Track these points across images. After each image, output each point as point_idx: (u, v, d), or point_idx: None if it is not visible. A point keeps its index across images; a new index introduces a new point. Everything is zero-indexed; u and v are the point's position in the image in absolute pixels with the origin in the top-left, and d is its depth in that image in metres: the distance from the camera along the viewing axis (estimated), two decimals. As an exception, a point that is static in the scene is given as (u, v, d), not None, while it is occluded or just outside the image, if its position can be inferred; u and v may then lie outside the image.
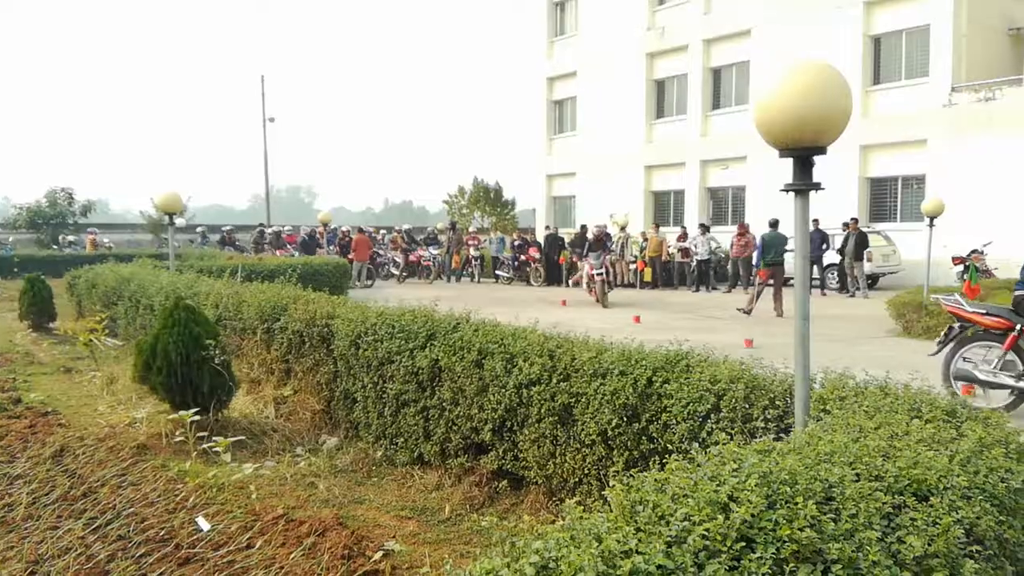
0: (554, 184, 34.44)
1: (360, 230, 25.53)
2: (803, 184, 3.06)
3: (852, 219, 19.41)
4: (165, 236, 20.36)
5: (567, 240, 24.53)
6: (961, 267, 16.34)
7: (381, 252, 27.44)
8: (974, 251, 17.04)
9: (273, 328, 7.57)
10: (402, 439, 5.89)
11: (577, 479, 4.55)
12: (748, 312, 14.77)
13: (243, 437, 6.34)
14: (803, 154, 3.01)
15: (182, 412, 6.01)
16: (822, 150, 2.99)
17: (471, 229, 30.68)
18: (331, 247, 25.65)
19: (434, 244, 27.85)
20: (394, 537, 4.28)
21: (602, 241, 17.92)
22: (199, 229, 32.23)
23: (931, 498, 2.18)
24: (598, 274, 16.75)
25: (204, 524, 4.39)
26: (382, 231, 31.08)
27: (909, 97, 21.66)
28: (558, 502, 4.60)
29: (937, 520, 2.03)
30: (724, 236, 22.77)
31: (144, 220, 34.09)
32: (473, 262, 25.58)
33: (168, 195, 11.04)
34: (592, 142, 31.28)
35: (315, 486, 5.39)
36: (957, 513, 2.11)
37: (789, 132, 2.91)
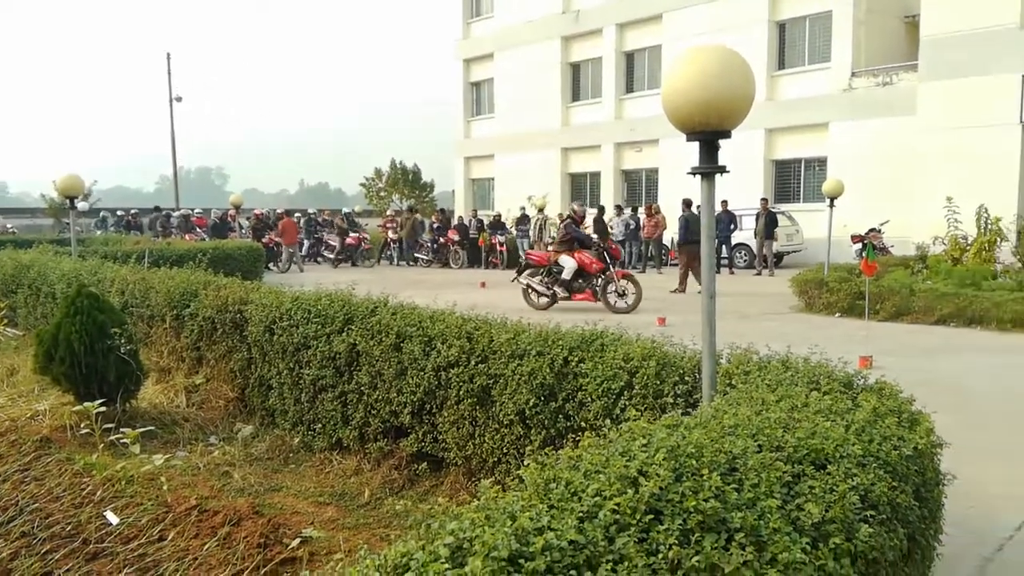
0: (472, 166, 34.36)
1: (287, 213, 25.01)
2: (709, 167, 3.16)
3: (762, 199, 20.09)
4: (67, 220, 19.42)
5: (486, 222, 24.56)
6: (860, 245, 17.13)
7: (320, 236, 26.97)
8: (872, 230, 17.91)
9: (183, 315, 7.34)
10: (320, 425, 5.83)
11: (496, 459, 4.61)
12: (682, 291, 15.13)
13: (153, 428, 6.14)
14: (709, 138, 3.11)
15: (87, 403, 5.77)
16: (727, 134, 3.09)
17: (388, 212, 30.25)
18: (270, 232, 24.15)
19: (352, 227, 27.45)
20: (312, 524, 4.24)
21: (603, 225, 15.96)
22: (101, 213, 30.81)
23: (828, 466, 2.30)
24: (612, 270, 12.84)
25: (113, 518, 4.25)
26: (296, 214, 30.41)
27: (812, 82, 22.47)
28: (477, 482, 4.64)
29: (834, 487, 2.14)
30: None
31: (45, 204, 32.37)
32: (392, 245, 25.34)
33: (69, 178, 10.56)
34: (510, 124, 31.31)
35: (230, 475, 5.28)
36: (853, 480, 2.23)
37: (695, 116, 3.00)
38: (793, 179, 23.63)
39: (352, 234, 25.03)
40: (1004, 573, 3.62)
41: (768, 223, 19.20)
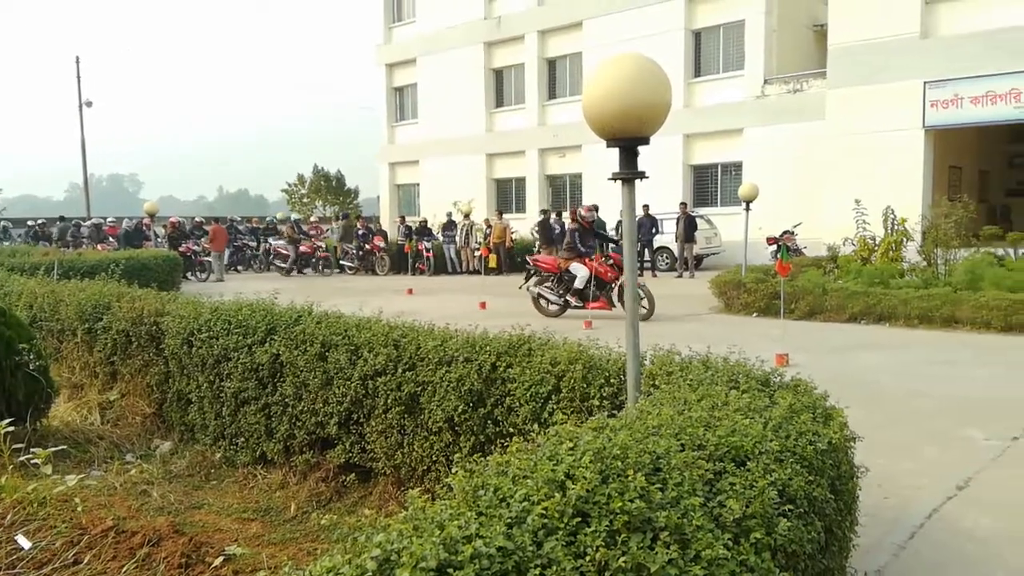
0: (398, 172, 34.11)
1: (216, 220, 24.49)
2: (629, 173, 3.22)
3: (681, 204, 20.58)
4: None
5: (413, 228, 24.41)
6: (774, 247, 17.71)
7: (253, 244, 26.26)
8: (786, 232, 18.54)
9: (95, 328, 7.05)
10: (243, 439, 5.68)
11: (426, 467, 4.58)
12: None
13: (66, 447, 5.87)
14: (628, 144, 3.17)
15: (-8, 424, 5.47)
16: (645, 140, 3.15)
17: (312, 219, 29.74)
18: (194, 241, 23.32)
19: (273, 235, 26.90)
20: (236, 541, 4.13)
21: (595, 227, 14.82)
22: (2, 224, 29.31)
23: (748, 463, 2.37)
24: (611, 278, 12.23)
25: (25, 542, 4.04)
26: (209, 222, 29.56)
27: (727, 89, 23.15)
28: (407, 491, 4.59)
29: (754, 483, 2.21)
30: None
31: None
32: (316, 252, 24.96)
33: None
34: (435, 130, 31.21)
35: (148, 494, 5.10)
36: (771, 476, 2.30)
37: (614, 124, 3.05)
38: (711, 183, 24.28)
39: (306, 241, 24.39)
40: (917, 561, 3.79)
41: (688, 227, 19.69)
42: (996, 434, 5.70)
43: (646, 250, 20.30)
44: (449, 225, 23.60)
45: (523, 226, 25.42)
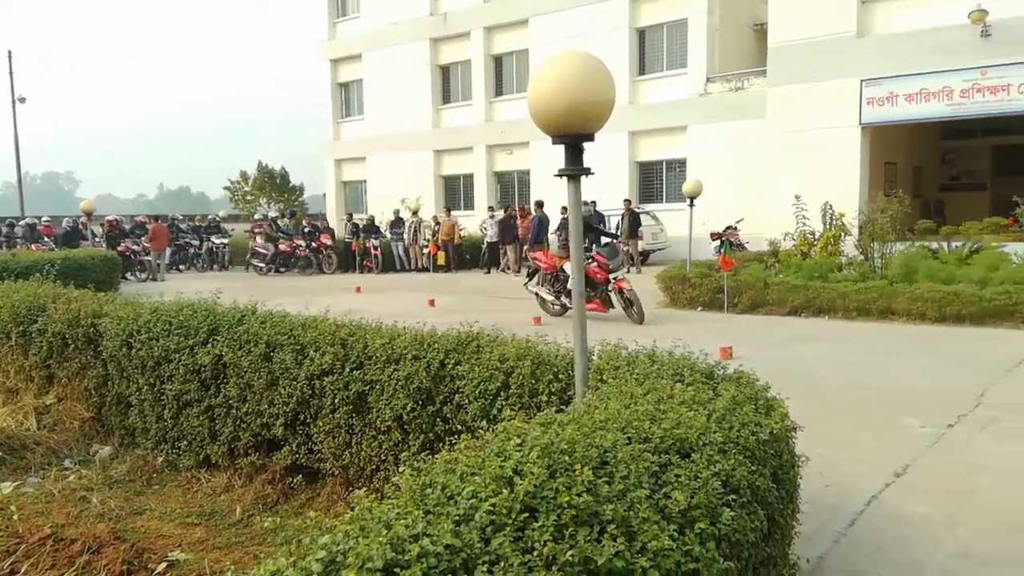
0: (344, 169, 33.72)
1: (157, 219, 23.84)
2: (575, 169, 3.24)
3: (625, 200, 20.79)
4: None
5: (360, 225, 24.17)
6: (718, 242, 18.02)
7: (196, 243, 25.57)
8: (729, 227, 18.88)
9: (30, 331, 6.82)
10: (185, 442, 5.56)
11: (374, 466, 4.54)
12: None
13: (0, 454, 5.67)
14: (573, 141, 3.19)
15: (-82, 433, 5.26)
16: (590, 137, 3.18)
17: (255, 217, 29.20)
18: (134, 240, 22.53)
19: (217, 233, 26.38)
20: (179, 546, 4.04)
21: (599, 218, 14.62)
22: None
23: (693, 454, 2.41)
24: (614, 279, 11.40)
25: (-48, 556, 3.89)
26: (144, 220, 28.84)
27: (671, 87, 23.45)
28: (355, 492, 4.58)
29: (698, 474, 2.25)
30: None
31: None
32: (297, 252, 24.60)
33: None
34: (381, 126, 30.94)
35: (88, 500, 4.95)
36: (715, 467, 2.35)
37: (559, 120, 3.07)
38: (656, 180, 24.58)
39: (285, 240, 23.12)
40: (856, 546, 3.90)
41: (632, 223, 19.91)
42: (931, 422, 5.90)
43: (593, 246, 20.43)
44: (397, 222, 23.43)
45: (471, 223, 25.39)
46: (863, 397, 6.79)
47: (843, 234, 13.81)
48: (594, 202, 20.16)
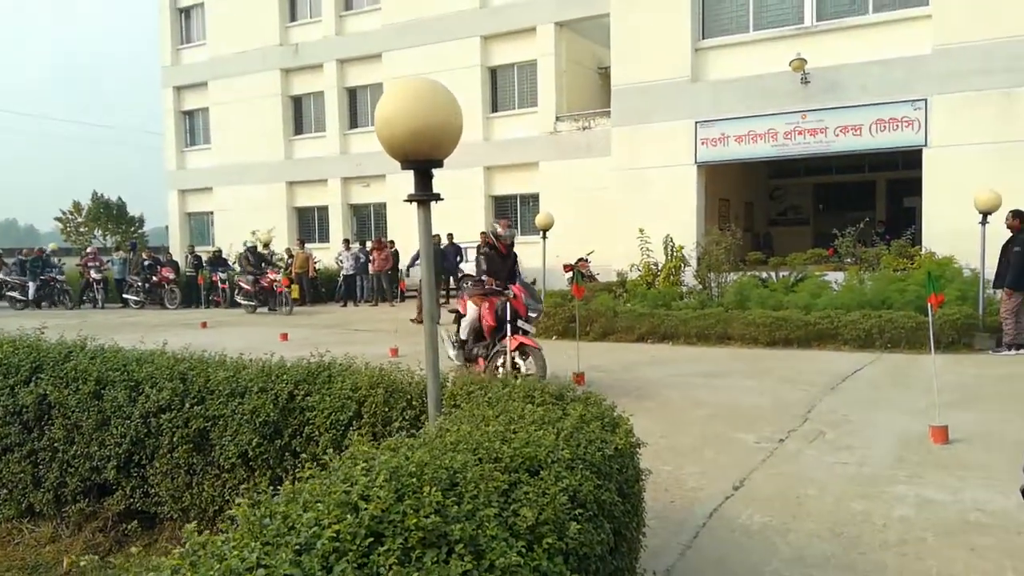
0: (188, 200, 32.13)
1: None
2: (424, 195, 3.26)
3: (482, 233, 21.03)
4: None
5: (204, 258, 23.06)
6: (571, 274, 18.57)
7: (62, 279, 23.14)
8: (580, 259, 19.48)
9: None
10: (5, 490, 5.06)
11: (217, 507, 4.30)
12: (419, 322, 15.06)
13: None
14: (422, 167, 3.20)
15: None
16: (439, 163, 3.20)
17: (88, 250, 27.22)
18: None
19: (49, 268, 24.28)
20: (-8, 607, 3.65)
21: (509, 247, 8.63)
22: None
23: (541, 472, 2.44)
24: (529, 318, 8.30)
25: None
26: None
27: (523, 124, 24.10)
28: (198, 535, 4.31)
29: (546, 491, 2.28)
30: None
31: None
32: (96, 286, 22.87)
33: None
34: (229, 156, 29.80)
35: None
36: (563, 482, 2.39)
37: (406, 145, 3.08)
38: (511, 213, 25.06)
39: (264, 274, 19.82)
40: (700, 558, 4.07)
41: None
42: (765, 437, 6.29)
43: (451, 278, 20.55)
44: (254, 254, 22.52)
45: (327, 255, 24.83)
46: (704, 415, 7.15)
47: (683, 265, 14.60)
48: (451, 234, 20.30)
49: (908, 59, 15.72)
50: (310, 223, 29.26)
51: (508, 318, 7.84)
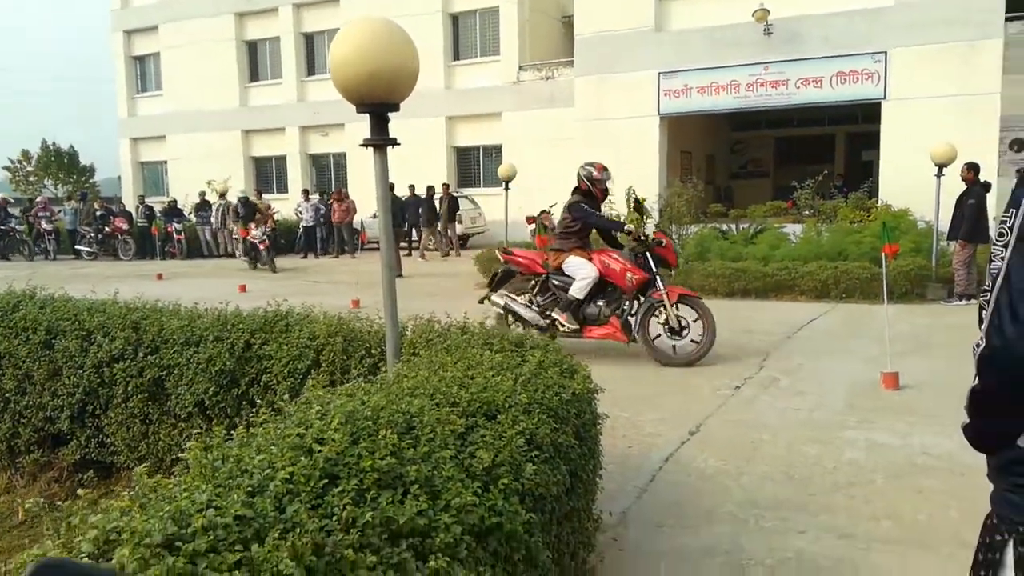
0: (141, 148, 31.24)
1: None
2: (380, 139, 3.19)
3: (444, 184, 20.86)
4: None
5: (157, 208, 22.54)
6: (533, 226, 18.53)
7: (22, 229, 22.28)
8: (543, 211, 19.41)
9: None
10: (-48, 444, 4.95)
11: (174, 456, 4.26)
12: (399, 275, 14.84)
13: None
14: (378, 110, 3.13)
15: None
16: (395, 107, 3.13)
17: (38, 199, 26.40)
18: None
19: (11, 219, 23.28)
20: (-57, 558, 3.60)
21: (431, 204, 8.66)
22: None
23: (499, 416, 2.45)
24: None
25: None
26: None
27: (485, 73, 23.74)
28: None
29: (503, 434, 2.29)
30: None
31: None
32: (47, 237, 22.26)
33: None
34: (183, 103, 28.93)
35: None
36: (519, 426, 2.40)
37: (361, 88, 3.00)
38: (474, 164, 24.86)
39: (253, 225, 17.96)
40: (655, 500, 4.16)
41: (451, 207, 20.03)
42: (722, 384, 6.41)
43: (413, 230, 20.38)
44: (203, 205, 22.07)
45: (286, 207, 24.44)
46: (663, 368, 7.24)
47: (645, 217, 14.62)
48: (412, 186, 20.04)
49: (871, 11, 15.76)
50: (268, 173, 28.71)
51: (655, 269, 7.27)
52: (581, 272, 7.44)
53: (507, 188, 14.06)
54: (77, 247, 22.18)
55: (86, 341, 4.47)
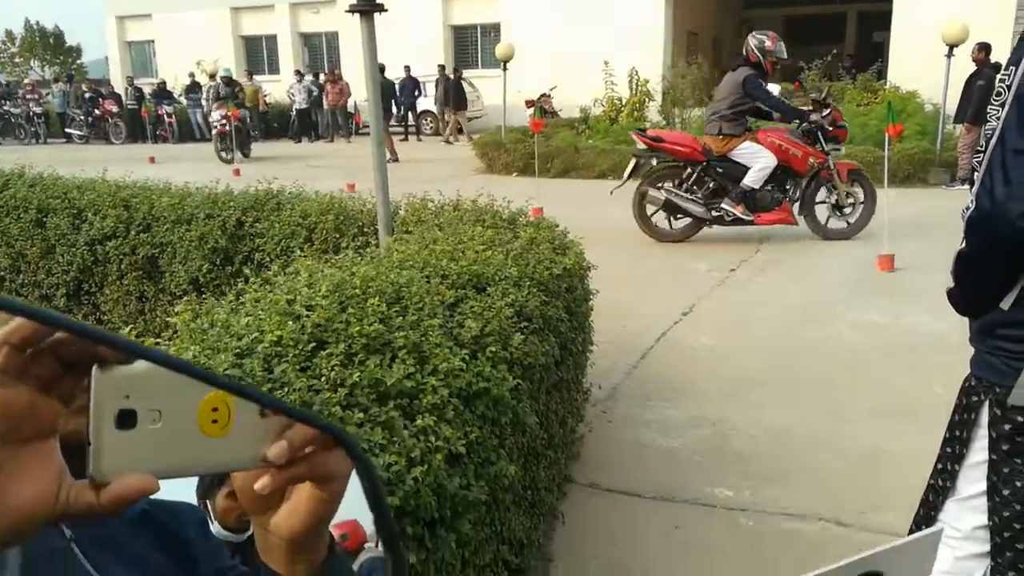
0: (127, 27, 30.14)
1: None
2: (367, 5, 3.05)
3: (439, 66, 20.25)
4: None
5: (147, 91, 21.98)
6: (532, 109, 18.13)
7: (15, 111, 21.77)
8: (543, 95, 18.98)
9: None
10: (-49, 322, 5.00)
11: (171, 334, 4.31)
12: (395, 160, 14.54)
13: None
14: (364, -29, 2.98)
15: None
16: (382, -32, 2.98)
17: (26, 81, 25.73)
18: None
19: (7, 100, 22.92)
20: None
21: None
22: None
23: (488, 288, 2.45)
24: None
25: None
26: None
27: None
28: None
29: (492, 306, 2.29)
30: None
31: None
32: (36, 120, 21.82)
33: None
34: (167, -22, 27.73)
35: None
36: (508, 298, 2.40)
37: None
38: (471, 45, 24.06)
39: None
40: (647, 376, 4.24)
41: (456, 93, 19.50)
42: (717, 266, 6.43)
43: (409, 114, 19.96)
44: (193, 87, 21.51)
45: (278, 89, 23.82)
46: (662, 247, 7.25)
47: (647, 100, 14.29)
48: (408, 67, 19.48)
49: None
50: (259, 54, 27.81)
51: (826, 148, 7.01)
52: (760, 160, 6.92)
53: (505, 69, 13.66)
54: (67, 130, 21.79)
55: (77, 219, 4.45)
